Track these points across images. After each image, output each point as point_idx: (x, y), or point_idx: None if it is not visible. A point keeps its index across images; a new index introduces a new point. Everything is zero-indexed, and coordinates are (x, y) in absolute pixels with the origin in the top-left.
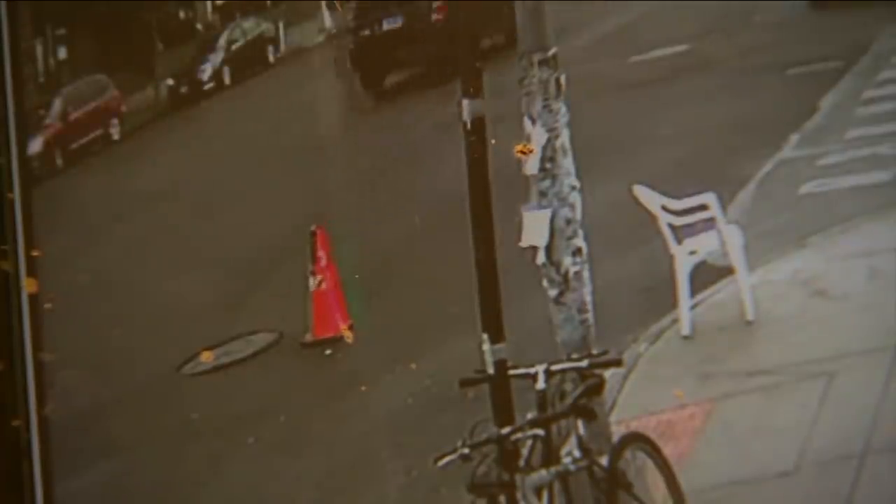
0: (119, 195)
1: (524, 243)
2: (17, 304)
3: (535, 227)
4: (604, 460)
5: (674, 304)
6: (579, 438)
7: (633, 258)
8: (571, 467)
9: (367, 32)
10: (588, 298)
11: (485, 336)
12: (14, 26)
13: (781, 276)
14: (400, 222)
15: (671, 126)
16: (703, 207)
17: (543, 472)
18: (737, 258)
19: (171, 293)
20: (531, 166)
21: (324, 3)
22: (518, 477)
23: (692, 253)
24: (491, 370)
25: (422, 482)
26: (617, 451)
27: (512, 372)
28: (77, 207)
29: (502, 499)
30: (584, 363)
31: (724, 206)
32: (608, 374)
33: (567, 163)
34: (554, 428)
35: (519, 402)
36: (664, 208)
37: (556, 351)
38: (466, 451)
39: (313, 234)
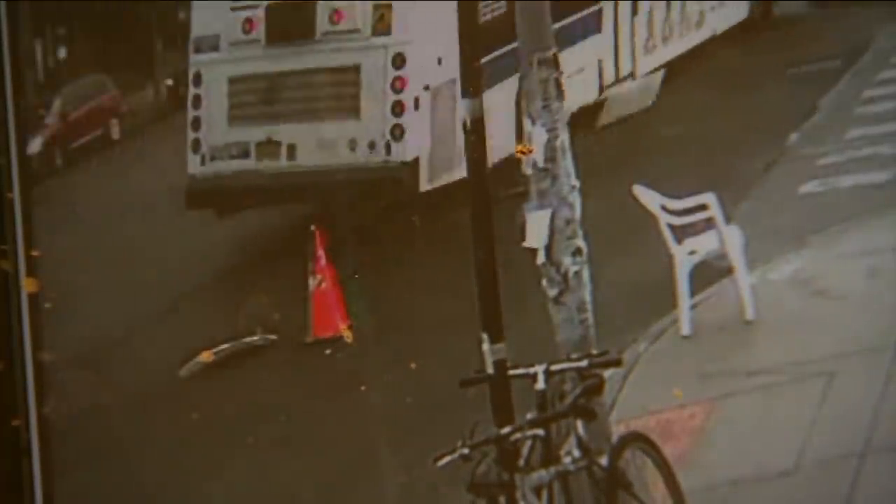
0: (119, 195)
1: (527, 244)
2: (16, 304)
3: (534, 227)
4: (603, 460)
5: (674, 304)
6: (579, 438)
7: (633, 258)
8: (571, 467)
9: None
10: (588, 298)
11: (485, 336)
12: (14, 26)
13: (781, 275)
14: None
15: (671, 126)
16: (702, 207)
17: (543, 471)
18: (737, 258)
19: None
20: (531, 166)
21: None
22: (518, 477)
23: (692, 253)
24: (491, 370)
25: (422, 482)
26: (616, 451)
27: (511, 372)
28: (77, 207)
29: (502, 499)
30: (584, 363)
31: (723, 206)
32: (608, 373)
33: (566, 163)
34: (553, 428)
35: (519, 402)
36: (664, 208)
37: (556, 351)
38: (466, 450)
39: (313, 233)
